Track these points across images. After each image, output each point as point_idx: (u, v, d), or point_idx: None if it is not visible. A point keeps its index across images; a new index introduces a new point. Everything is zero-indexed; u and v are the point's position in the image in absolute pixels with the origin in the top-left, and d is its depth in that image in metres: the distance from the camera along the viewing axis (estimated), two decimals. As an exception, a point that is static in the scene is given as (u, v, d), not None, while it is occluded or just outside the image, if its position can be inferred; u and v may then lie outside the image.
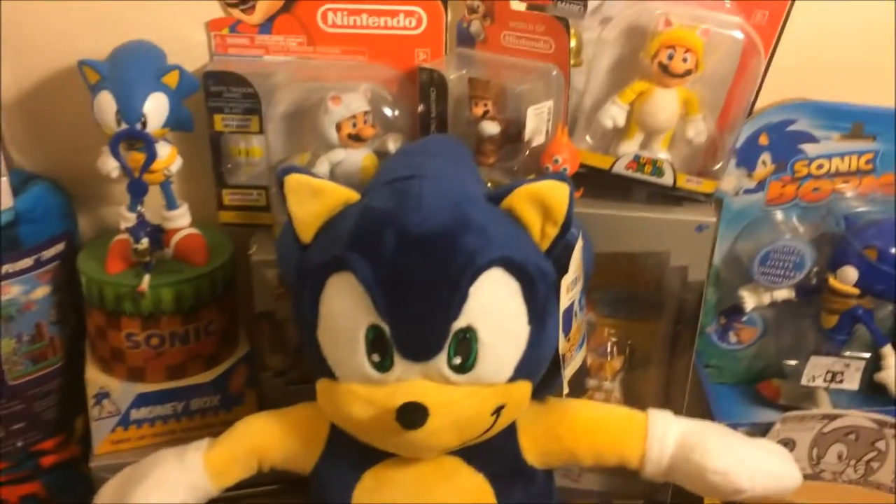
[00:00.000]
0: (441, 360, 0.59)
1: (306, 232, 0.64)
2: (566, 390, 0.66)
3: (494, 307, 0.59)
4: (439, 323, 0.58)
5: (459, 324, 0.58)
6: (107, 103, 0.75)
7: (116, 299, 0.79)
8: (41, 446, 0.88)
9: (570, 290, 0.64)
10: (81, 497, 0.91)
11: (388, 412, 0.59)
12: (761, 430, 0.83)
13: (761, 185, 0.83)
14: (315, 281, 0.61)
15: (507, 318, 0.60)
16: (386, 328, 0.59)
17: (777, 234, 0.82)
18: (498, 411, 0.62)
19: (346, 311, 0.60)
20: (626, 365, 0.88)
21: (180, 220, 0.84)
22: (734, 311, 0.88)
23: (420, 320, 0.58)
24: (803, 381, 0.82)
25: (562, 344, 0.64)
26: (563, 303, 0.63)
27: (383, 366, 0.60)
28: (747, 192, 0.83)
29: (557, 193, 0.61)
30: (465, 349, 0.59)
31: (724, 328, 0.90)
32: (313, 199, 0.63)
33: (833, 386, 0.82)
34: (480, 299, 0.58)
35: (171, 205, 0.83)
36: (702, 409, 0.88)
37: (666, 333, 0.88)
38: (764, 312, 0.88)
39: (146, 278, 0.78)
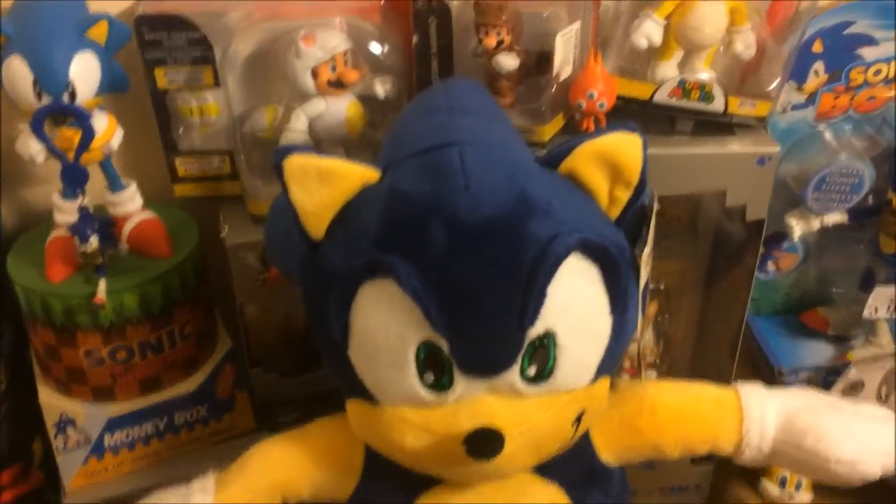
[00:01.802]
0: (513, 373, 0.48)
1: (317, 225, 0.50)
2: (643, 375, 0.56)
3: (575, 303, 0.48)
4: (512, 333, 0.46)
5: (536, 330, 0.47)
6: (19, 72, 0.59)
7: (67, 313, 0.65)
8: (-3, 481, 0.75)
9: (647, 265, 0.53)
10: (53, 530, 0.79)
11: (452, 440, 0.48)
12: (824, 374, 0.76)
13: (812, 99, 0.72)
14: (342, 291, 0.48)
15: (589, 314, 0.49)
16: (443, 344, 0.47)
17: (830, 154, 0.72)
18: (578, 419, 0.51)
19: (388, 326, 0.47)
20: (662, 310, 0.79)
21: (129, 203, 0.69)
22: (774, 238, 0.79)
23: (488, 332, 0.46)
24: (865, 314, 0.74)
25: (639, 324, 0.54)
26: (642, 280, 0.52)
27: (440, 385, 0.48)
28: (796, 107, 0.73)
29: (628, 149, 0.50)
30: (542, 357, 0.48)
31: (762, 258, 0.81)
32: (323, 186, 0.49)
33: (899, 316, 0.75)
34: (559, 297, 0.47)
35: (115, 186, 0.68)
36: (749, 346, 0.80)
37: (701, 272, 0.79)
38: (806, 237, 0.79)
39: (101, 285, 0.64)
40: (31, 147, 0.61)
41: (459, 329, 0.46)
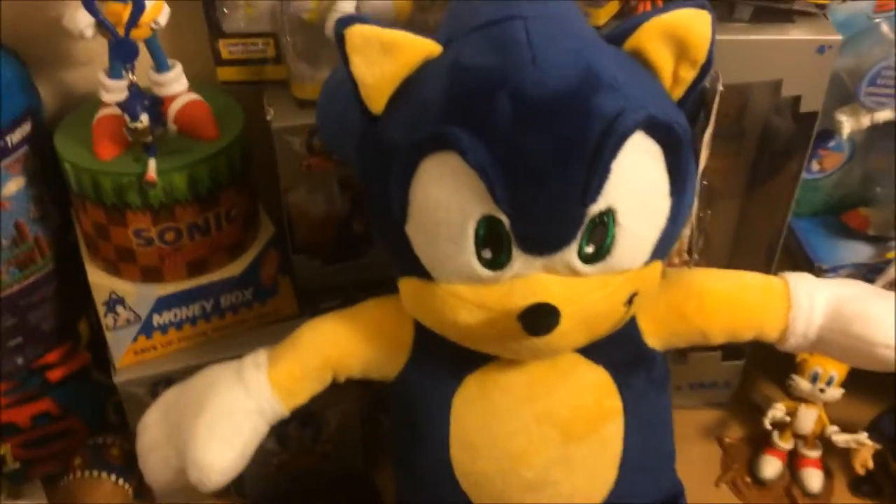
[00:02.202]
0: (570, 251, 0.48)
1: (378, 99, 0.50)
2: (696, 257, 0.56)
3: (637, 182, 0.48)
4: (575, 209, 0.47)
5: (598, 207, 0.47)
6: (70, -62, 0.57)
7: (117, 191, 0.65)
8: (45, 360, 0.77)
9: (707, 148, 0.53)
10: (98, 408, 0.82)
11: (506, 316, 0.49)
12: (865, 272, 0.76)
13: (872, -11, 0.70)
14: (403, 165, 0.48)
15: (649, 193, 0.49)
16: (504, 219, 0.47)
17: (886, 47, 0.70)
18: (630, 300, 0.52)
19: (449, 200, 0.48)
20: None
21: (175, 84, 0.68)
22: (821, 136, 0.77)
23: (550, 208, 0.47)
24: (910, 211, 0.74)
25: (694, 209, 0.54)
26: (701, 163, 0.52)
27: (497, 262, 0.49)
28: (854, -3, 0.71)
29: (697, 25, 0.49)
30: (601, 235, 0.48)
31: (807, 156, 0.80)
32: (385, 57, 0.49)
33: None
34: (622, 174, 0.47)
35: (161, 66, 0.67)
36: (788, 244, 0.80)
37: (745, 170, 0.78)
38: (854, 135, 0.78)
39: (152, 164, 0.64)
40: (81, 21, 0.60)
41: (522, 203, 0.46)
